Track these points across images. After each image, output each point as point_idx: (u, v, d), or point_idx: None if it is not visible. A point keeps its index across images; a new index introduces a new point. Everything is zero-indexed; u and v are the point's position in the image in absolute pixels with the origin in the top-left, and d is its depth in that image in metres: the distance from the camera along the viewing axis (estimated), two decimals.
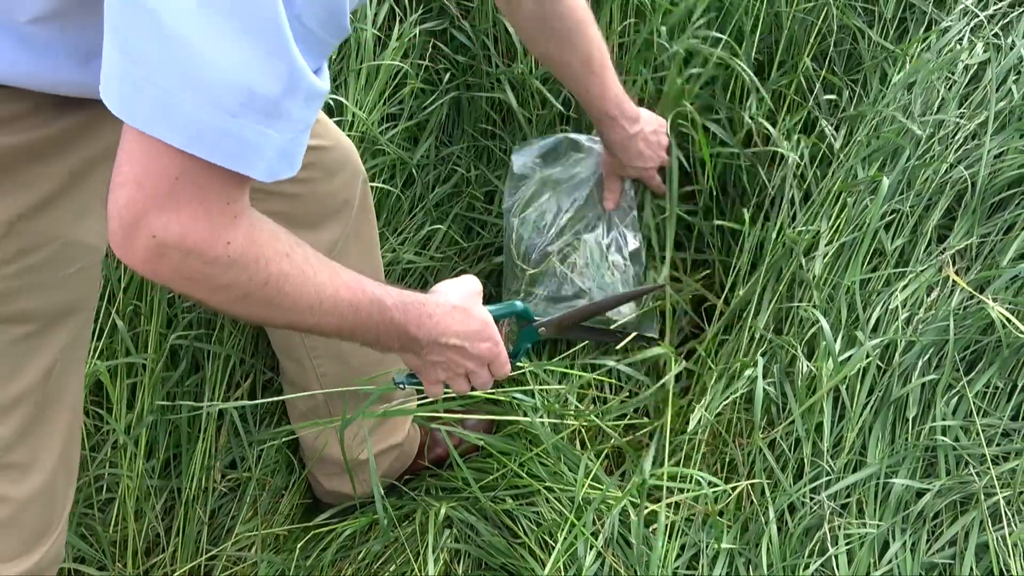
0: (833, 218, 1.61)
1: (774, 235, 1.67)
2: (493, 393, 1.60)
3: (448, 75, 1.95)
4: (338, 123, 1.77)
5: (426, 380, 1.29)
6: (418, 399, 1.62)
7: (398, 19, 1.90)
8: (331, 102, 1.76)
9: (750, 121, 1.78)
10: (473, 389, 1.32)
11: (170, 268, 0.91)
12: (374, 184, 1.77)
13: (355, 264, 1.18)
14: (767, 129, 1.78)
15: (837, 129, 1.78)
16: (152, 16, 0.79)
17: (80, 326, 1.15)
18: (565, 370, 1.64)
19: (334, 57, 1.82)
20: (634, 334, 1.67)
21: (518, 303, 1.39)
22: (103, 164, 0.99)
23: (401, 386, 1.36)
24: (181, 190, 0.87)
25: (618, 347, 1.67)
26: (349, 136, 1.63)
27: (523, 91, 1.89)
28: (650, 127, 1.70)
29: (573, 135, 1.80)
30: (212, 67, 0.81)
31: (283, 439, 1.68)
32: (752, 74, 1.78)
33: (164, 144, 0.84)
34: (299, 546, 1.60)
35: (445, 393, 1.32)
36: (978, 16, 1.76)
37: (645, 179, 1.76)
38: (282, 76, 0.84)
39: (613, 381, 1.70)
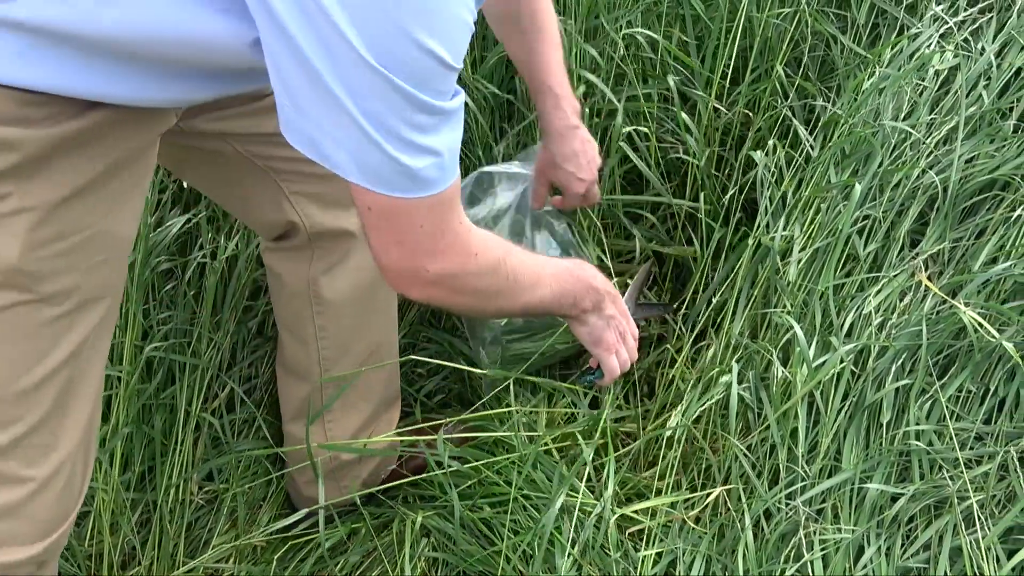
0: (806, 224, 1.62)
1: (750, 241, 1.68)
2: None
3: None
4: None
5: (604, 348, 1.47)
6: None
7: None
8: None
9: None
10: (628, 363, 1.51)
11: (447, 292, 1.14)
12: None
13: None
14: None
15: (811, 134, 1.78)
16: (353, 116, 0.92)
17: (105, 315, 1.19)
18: (537, 380, 1.64)
19: None
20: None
21: None
22: (132, 163, 1.14)
23: (591, 381, 1.54)
24: (430, 233, 1.06)
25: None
26: None
27: None
28: (588, 137, 1.63)
29: (487, 168, 1.74)
30: (408, 134, 0.94)
31: (263, 446, 1.68)
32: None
33: (401, 200, 1.00)
34: (277, 557, 1.59)
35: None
36: (948, 23, 1.77)
37: (571, 188, 1.64)
38: (447, 117, 0.97)
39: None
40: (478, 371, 1.63)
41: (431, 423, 1.66)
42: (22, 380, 1.13)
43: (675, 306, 1.81)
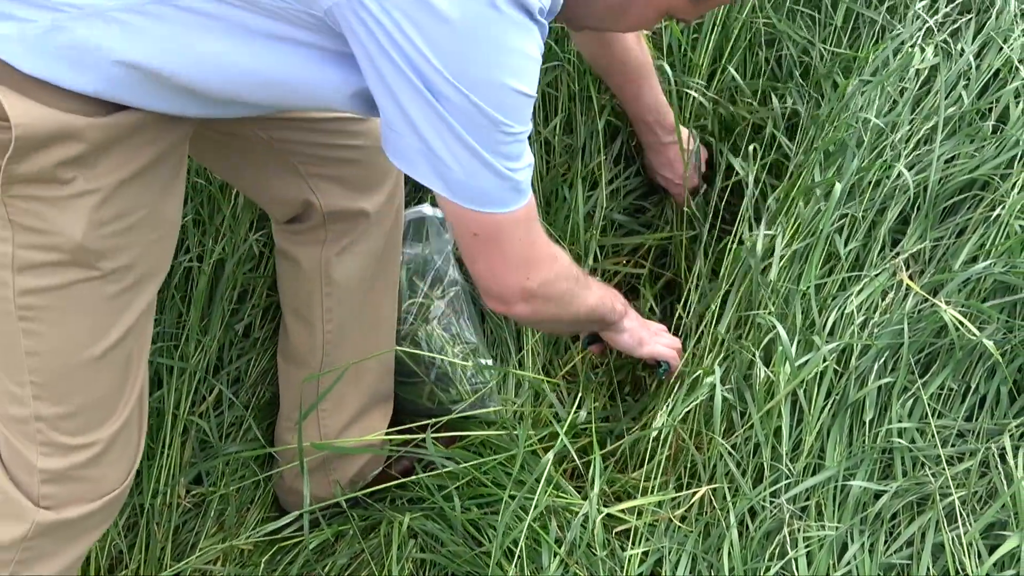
0: (788, 224, 1.63)
1: (733, 244, 1.70)
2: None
3: None
4: None
5: (650, 345, 1.58)
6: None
7: None
8: None
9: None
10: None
11: (542, 301, 1.26)
12: None
13: (396, 229, 1.58)
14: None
15: (792, 137, 1.80)
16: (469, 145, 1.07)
17: (154, 292, 1.29)
18: (523, 373, 1.65)
19: None
20: None
21: None
22: (176, 150, 1.24)
23: (663, 373, 1.61)
24: (527, 245, 1.20)
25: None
26: None
27: None
28: (684, 141, 1.82)
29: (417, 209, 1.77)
30: (502, 160, 1.10)
31: (253, 447, 1.69)
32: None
33: (508, 224, 1.15)
34: (264, 560, 1.60)
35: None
36: (928, 22, 1.79)
37: (671, 191, 1.89)
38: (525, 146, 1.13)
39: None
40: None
41: (418, 423, 1.66)
42: (86, 352, 1.22)
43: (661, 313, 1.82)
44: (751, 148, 1.78)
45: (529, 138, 1.14)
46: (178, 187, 1.28)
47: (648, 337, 1.59)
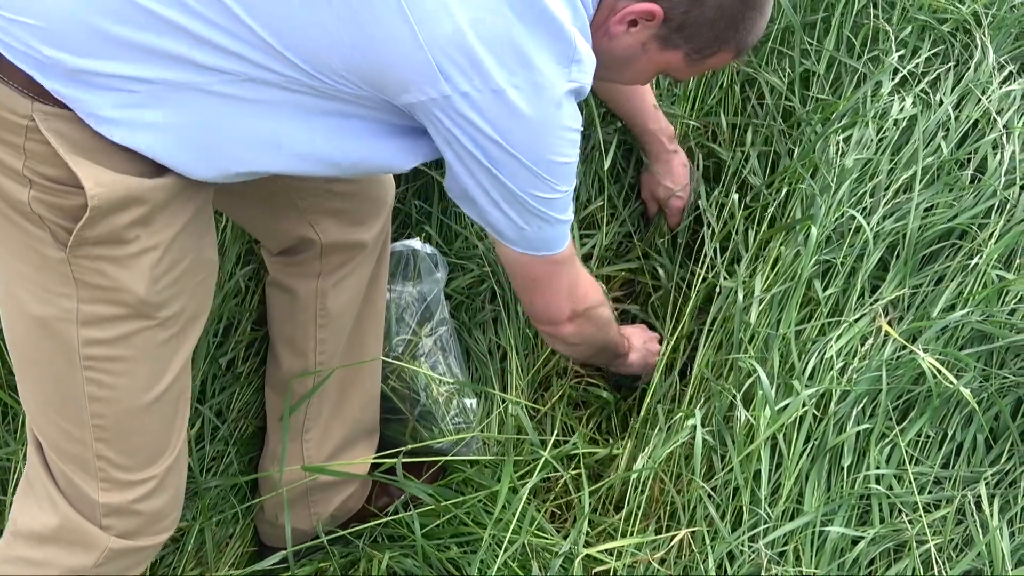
0: (768, 269, 1.65)
1: (714, 287, 1.72)
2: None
3: None
4: None
5: (652, 365, 1.77)
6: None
7: None
8: None
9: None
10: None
11: (585, 325, 1.47)
12: None
13: (385, 257, 1.64)
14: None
15: (770, 179, 1.83)
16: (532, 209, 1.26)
17: (200, 330, 1.35)
18: (510, 397, 1.66)
19: None
20: None
21: None
22: (210, 198, 1.32)
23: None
24: (574, 279, 1.42)
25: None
26: None
27: None
28: (684, 157, 1.93)
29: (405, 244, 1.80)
30: (558, 213, 1.29)
31: (234, 480, 1.68)
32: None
33: (554, 266, 1.36)
34: None
35: None
36: (904, 71, 1.82)
37: (670, 205, 1.95)
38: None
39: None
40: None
41: (397, 450, 1.66)
42: (146, 396, 1.28)
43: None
44: (734, 197, 1.80)
45: None
46: (212, 229, 1.34)
47: (653, 352, 1.78)
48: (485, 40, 1.12)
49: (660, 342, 1.82)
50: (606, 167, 1.89)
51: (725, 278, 1.74)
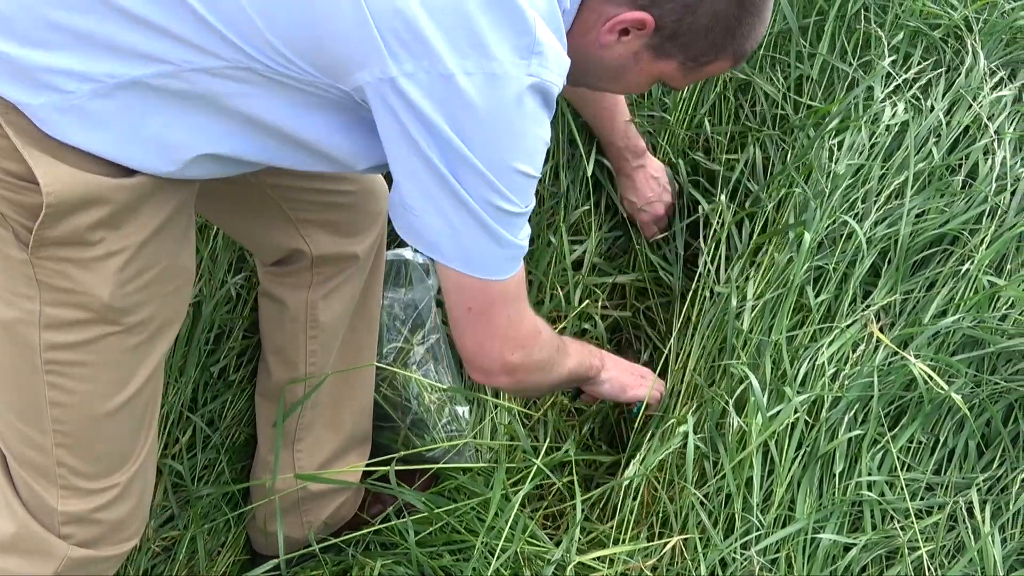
0: (760, 274, 1.65)
1: (707, 293, 1.72)
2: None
3: None
4: None
5: (632, 388, 1.60)
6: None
7: None
8: None
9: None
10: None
11: (527, 371, 1.30)
12: None
13: (379, 269, 1.62)
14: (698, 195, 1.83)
15: (766, 189, 1.83)
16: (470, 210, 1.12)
17: (172, 339, 1.32)
18: (502, 402, 1.66)
19: None
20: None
21: None
22: (188, 201, 1.27)
23: (637, 411, 1.64)
24: (515, 320, 1.25)
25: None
26: None
27: None
28: (653, 170, 1.90)
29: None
30: (509, 232, 1.16)
31: (226, 488, 1.68)
32: None
33: (499, 295, 1.21)
34: None
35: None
36: (893, 77, 1.82)
37: (638, 218, 1.93)
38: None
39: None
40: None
41: (390, 457, 1.66)
42: (109, 403, 1.25)
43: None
44: (722, 199, 1.80)
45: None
46: (191, 236, 1.31)
47: (631, 381, 1.61)
48: (435, 16, 1.04)
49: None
50: (588, 172, 1.88)
51: (716, 284, 1.74)
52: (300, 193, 1.47)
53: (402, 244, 1.82)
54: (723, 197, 1.80)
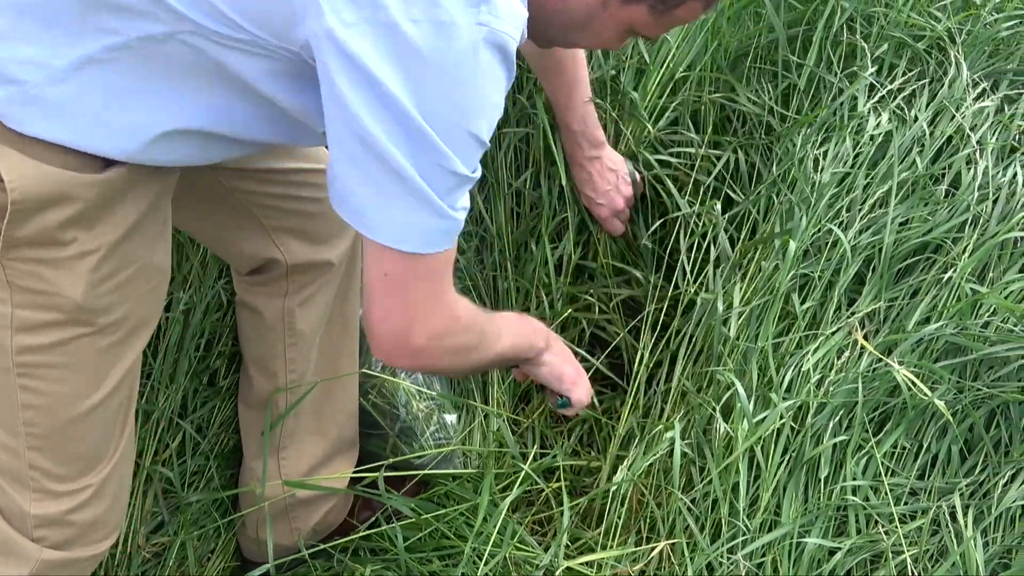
0: (746, 282, 1.67)
1: (696, 299, 1.73)
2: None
3: None
4: None
5: (569, 381, 1.50)
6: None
7: None
8: None
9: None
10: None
11: (436, 354, 1.18)
12: None
13: (355, 272, 1.58)
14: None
15: (756, 194, 1.84)
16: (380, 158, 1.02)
17: (147, 339, 1.31)
18: (490, 408, 1.66)
19: None
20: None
21: None
22: (163, 200, 1.25)
23: (563, 405, 1.54)
24: (430, 297, 1.14)
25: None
26: None
27: None
28: (611, 163, 1.82)
29: None
30: (442, 199, 1.05)
31: (216, 495, 1.69)
32: None
33: (414, 266, 1.09)
34: None
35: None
36: (877, 88, 1.85)
37: (595, 212, 1.86)
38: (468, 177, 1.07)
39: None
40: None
41: (378, 465, 1.67)
42: (82, 405, 1.24)
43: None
44: (714, 203, 1.82)
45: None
46: (166, 236, 1.29)
47: (570, 374, 1.51)
48: None
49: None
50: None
51: (698, 292, 1.75)
52: (271, 199, 1.47)
53: None
54: (710, 204, 1.82)
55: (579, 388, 1.52)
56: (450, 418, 1.74)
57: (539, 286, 1.88)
